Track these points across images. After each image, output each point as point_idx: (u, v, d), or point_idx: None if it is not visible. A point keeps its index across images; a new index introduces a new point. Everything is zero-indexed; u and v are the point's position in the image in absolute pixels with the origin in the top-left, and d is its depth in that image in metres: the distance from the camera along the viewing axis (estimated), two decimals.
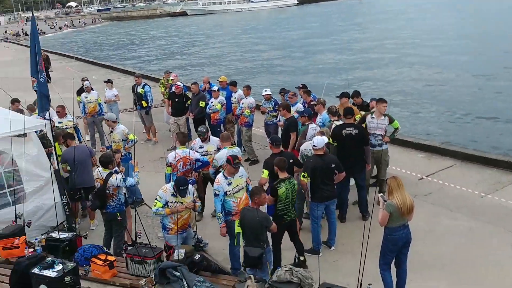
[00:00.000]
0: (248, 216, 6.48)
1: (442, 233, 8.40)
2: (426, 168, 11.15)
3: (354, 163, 8.71)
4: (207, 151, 9.12)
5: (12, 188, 8.18)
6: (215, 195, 7.21)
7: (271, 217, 7.19)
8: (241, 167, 7.49)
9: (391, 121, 9.27)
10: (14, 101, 11.94)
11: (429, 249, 7.84)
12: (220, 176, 7.30)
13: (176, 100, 12.98)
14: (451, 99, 19.84)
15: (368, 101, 10.74)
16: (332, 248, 8.12)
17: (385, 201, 6.29)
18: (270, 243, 7.22)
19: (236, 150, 8.78)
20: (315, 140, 7.82)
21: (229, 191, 7.17)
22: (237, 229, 6.91)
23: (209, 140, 9.27)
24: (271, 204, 7.28)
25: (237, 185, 7.23)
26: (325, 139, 7.88)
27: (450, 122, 16.89)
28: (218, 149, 9.03)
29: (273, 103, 11.84)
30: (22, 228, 7.36)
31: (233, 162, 7.15)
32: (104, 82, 15.33)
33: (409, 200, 6.23)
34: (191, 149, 8.83)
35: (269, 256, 6.73)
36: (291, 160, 7.92)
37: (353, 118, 9.03)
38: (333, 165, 7.82)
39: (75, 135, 10.52)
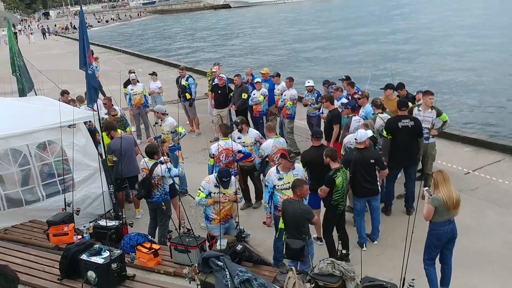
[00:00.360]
0: (290, 208, 6.47)
1: (489, 229, 8.17)
2: (473, 162, 10.84)
3: (408, 156, 8.55)
4: (244, 142, 9.15)
5: (62, 177, 8.49)
6: (265, 185, 7.28)
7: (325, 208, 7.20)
8: (299, 165, 7.47)
9: (438, 114, 9.05)
10: (64, 93, 12.34)
11: (476, 245, 7.65)
12: (273, 169, 7.30)
13: (219, 92, 13.07)
14: (500, 91, 19.11)
15: (414, 94, 10.52)
16: (375, 242, 8.03)
17: (430, 195, 6.18)
18: (313, 236, 7.21)
19: (282, 140, 8.82)
20: (358, 134, 7.72)
21: (278, 186, 7.14)
22: (281, 225, 6.92)
23: (247, 132, 9.30)
24: (325, 196, 7.26)
25: (289, 182, 7.06)
26: (368, 133, 7.76)
27: (499, 115, 16.28)
28: (256, 142, 9.07)
29: (316, 95, 11.76)
30: (71, 215, 7.61)
31: (289, 156, 7.10)
32: (149, 74, 15.62)
33: (455, 194, 6.09)
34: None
35: (311, 248, 6.72)
36: (372, 161, 7.80)
37: (407, 110, 8.85)
38: (372, 161, 7.65)
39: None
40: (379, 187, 7.95)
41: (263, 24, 62.43)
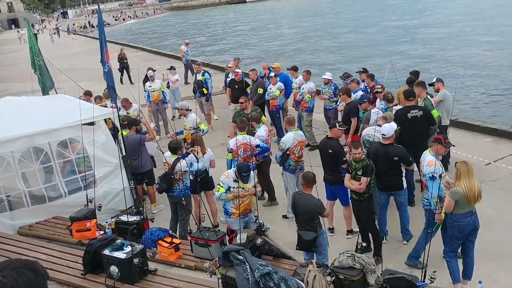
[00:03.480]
0: (301, 202, 6.51)
1: (511, 221, 8.06)
2: (494, 153, 10.67)
3: (418, 146, 8.45)
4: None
5: (84, 174, 8.61)
6: (433, 178, 6.55)
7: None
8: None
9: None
10: (87, 94, 12.34)
11: (498, 237, 7.55)
12: (432, 157, 6.71)
13: (236, 87, 13.07)
14: None
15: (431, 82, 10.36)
16: (404, 242, 7.72)
17: (451, 187, 6.13)
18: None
19: (301, 133, 8.84)
20: (384, 129, 7.54)
21: (443, 173, 6.75)
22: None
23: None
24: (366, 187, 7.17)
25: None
26: (393, 126, 7.66)
27: None
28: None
29: (333, 87, 11.68)
30: (93, 211, 7.72)
31: (444, 142, 6.81)
32: (167, 69, 15.86)
33: (476, 187, 6.01)
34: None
35: (323, 238, 6.65)
36: (330, 151, 7.81)
37: (415, 100, 8.76)
38: (396, 158, 7.42)
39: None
40: (404, 182, 7.67)
41: (279, 18, 62.12)
